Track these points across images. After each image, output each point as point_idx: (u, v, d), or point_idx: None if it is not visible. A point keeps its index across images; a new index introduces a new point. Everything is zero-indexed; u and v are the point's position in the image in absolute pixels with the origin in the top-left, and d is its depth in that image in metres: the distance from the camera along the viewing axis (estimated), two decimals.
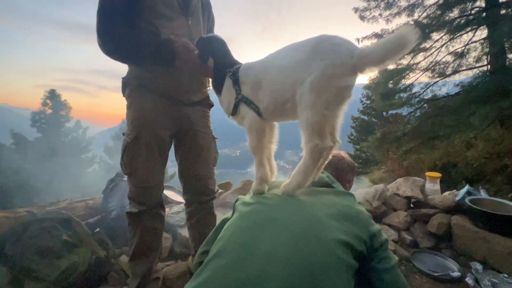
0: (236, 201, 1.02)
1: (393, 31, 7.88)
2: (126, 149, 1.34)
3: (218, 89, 1.15)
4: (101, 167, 16.88)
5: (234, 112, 1.09)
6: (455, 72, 7.40)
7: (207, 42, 1.16)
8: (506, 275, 1.51)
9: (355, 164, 1.33)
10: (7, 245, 1.52)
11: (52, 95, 16.30)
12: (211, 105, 1.60)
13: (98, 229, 1.76)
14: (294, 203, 0.90)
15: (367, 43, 8.28)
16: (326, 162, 1.03)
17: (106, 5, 1.21)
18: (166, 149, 1.43)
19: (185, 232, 1.89)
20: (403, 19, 7.61)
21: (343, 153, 1.27)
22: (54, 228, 1.60)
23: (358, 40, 8.45)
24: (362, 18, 8.25)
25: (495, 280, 1.46)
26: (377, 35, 8.07)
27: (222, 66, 1.13)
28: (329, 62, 0.85)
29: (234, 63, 1.14)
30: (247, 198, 1.00)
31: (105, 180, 2.19)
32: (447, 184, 5.34)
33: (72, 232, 1.65)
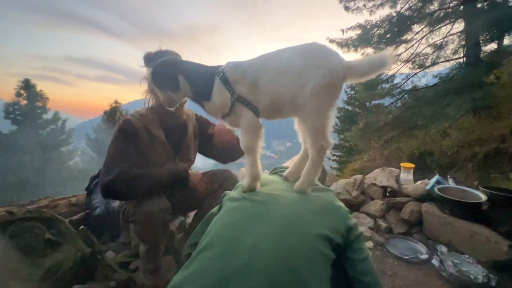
0: (224, 196, 1.06)
1: (376, 23, 8.03)
2: None
3: (205, 96, 1.12)
4: (83, 159, 16.36)
5: (229, 112, 1.09)
6: (434, 63, 7.66)
7: (168, 65, 1.12)
8: (467, 256, 1.67)
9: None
10: None
11: (27, 84, 15.40)
12: None
13: (82, 226, 1.76)
14: (279, 200, 0.96)
15: (352, 34, 8.38)
16: None
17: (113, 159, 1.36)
18: None
19: None
20: (386, 10, 7.71)
21: None
22: (36, 227, 1.58)
23: (343, 30, 8.52)
24: (346, 8, 8.27)
25: (457, 261, 1.61)
26: (361, 26, 8.16)
27: (202, 74, 1.12)
28: (326, 71, 0.97)
29: (208, 66, 1.14)
30: (234, 193, 1.05)
31: (88, 172, 2.15)
32: (423, 172, 5.65)
33: (55, 230, 1.63)
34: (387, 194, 2.39)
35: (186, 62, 1.18)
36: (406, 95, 8.22)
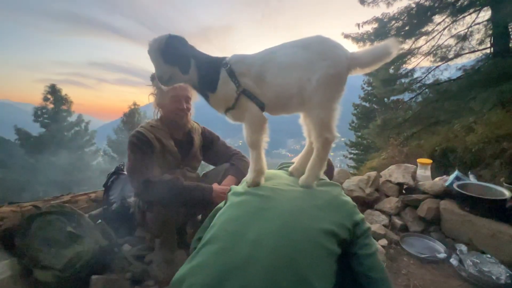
0: (229, 190, 1.07)
1: (394, 15, 7.72)
2: None
3: (211, 87, 1.09)
4: (105, 160, 17.11)
5: (234, 105, 1.07)
6: (457, 55, 7.25)
7: (183, 43, 1.07)
8: (489, 256, 1.58)
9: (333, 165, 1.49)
10: (16, 238, 1.61)
11: (53, 90, 16.32)
12: None
13: (100, 221, 1.85)
14: (283, 194, 0.96)
15: (368, 28, 8.12)
16: None
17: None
18: None
19: None
20: (404, 2, 7.39)
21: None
22: (58, 221, 1.69)
23: (358, 25, 8.27)
24: (362, 2, 8.01)
25: (477, 260, 1.53)
26: (377, 20, 7.88)
27: (209, 64, 1.10)
28: (330, 62, 0.98)
29: (214, 57, 1.12)
30: (239, 188, 1.05)
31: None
32: (446, 169, 5.37)
33: (75, 224, 1.73)
34: (403, 191, 2.30)
35: (196, 49, 1.12)
36: (427, 90, 7.84)
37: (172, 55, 1.04)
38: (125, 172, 2.21)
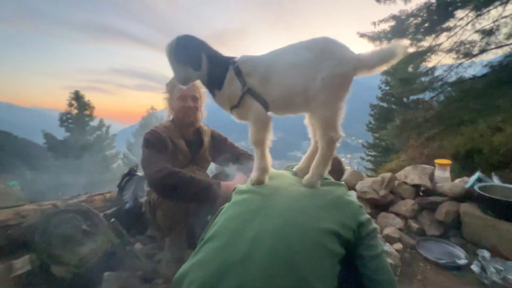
0: (234, 189, 1.08)
1: (412, 12, 7.44)
2: None
3: (217, 84, 1.10)
4: (124, 162, 17.75)
5: (238, 104, 1.09)
6: (482, 51, 6.82)
7: (191, 41, 1.08)
8: None
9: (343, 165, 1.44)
10: (36, 234, 1.70)
11: (77, 96, 17.24)
12: None
13: (113, 219, 1.91)
14: (285, 193, 0.95)
15: (384, 26, 7.87)
16: None
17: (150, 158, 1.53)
18: None
19: None
20: None
21: (338, 157, 1.37)
22: (74, 219, 1.76)
23: (374, 23, 8.05)
24: (378, 0, 7.80)
25: (501, 267, 1.42)
26: (394, 17, 7.62)
27: (218, 60, 1.11)
28: (336, 62, 0.98)
29: (223, 56, 1.13)
30: (243, 186, 1.07)
31: None
32: (471, 172, 5.06)
33: (90, 222, 1.80)
34: (420, 193, 2.19)
35: (207, 45, 1.12)
36: (449, 88, 7.44)
37: (183, 54, 1.06)
38: (138, 173, 2.28)
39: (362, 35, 8.24)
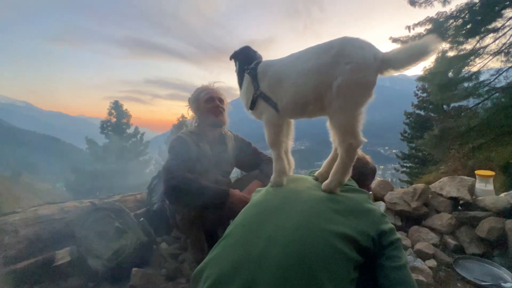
0: (255, 192, 1.12)
1: (452, 13, 6.97)
2: None
3: (239, 85, 1.26)
4: (156, 168, 18.73)
5: (252, 106, 1.16)
6: None
7: (243, 50, 1.29)
8: None
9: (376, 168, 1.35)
10: (76, 229, 1.86)
11: (116, 105, 18.78)
12: None
13: (142, 219, 2.02)
14: (301, 196, 0.95)
15: (420, 29, 7.46)
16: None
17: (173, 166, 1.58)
18: None
19: None
20: None
21: (368, 158, 1.30)
22: (108, 216, 1.90)
23: (409, 27, 7.68)
24: (413, 3, 7.43)
25: None
26: (431, 20, 7.20)
27: (248, 63, 1.22)
28: (354, 66, 0.90)
29: (257, 60, 1.22)
30: (263, 188, 1.09)
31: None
32: None
33: (122, 220, 1.93)
34: (459, 207, 1.99)
35: (246, 50, 1.29)
36: (497, 94, 6.75)
37: (236, 59, 1.29)
38: None
39: (395, 40, 7.90)
